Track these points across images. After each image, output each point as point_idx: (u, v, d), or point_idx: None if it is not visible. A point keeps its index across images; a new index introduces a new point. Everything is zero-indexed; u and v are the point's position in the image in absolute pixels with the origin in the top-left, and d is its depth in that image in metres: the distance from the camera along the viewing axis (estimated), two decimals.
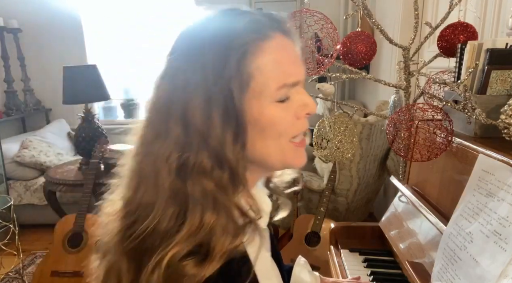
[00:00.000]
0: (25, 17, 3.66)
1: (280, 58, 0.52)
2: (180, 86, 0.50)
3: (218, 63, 0.49)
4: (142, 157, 0.52)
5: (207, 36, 0.51)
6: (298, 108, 0.54)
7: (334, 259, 1.25)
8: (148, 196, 0.50)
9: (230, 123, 0.50)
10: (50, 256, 2.15)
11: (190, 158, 0.49)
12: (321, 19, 1.13)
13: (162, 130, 0.51)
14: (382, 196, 2.85)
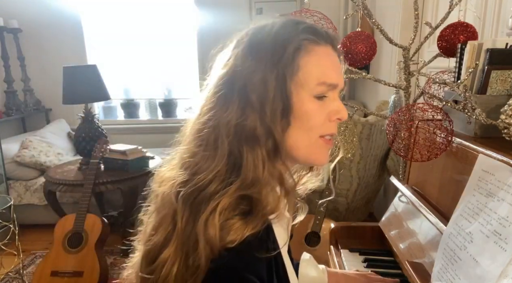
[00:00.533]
0: (25, 17, 3.65)
1: (325, 62, 0.61)
2: (244, 67, 0.59)
3: (278, 51, 0.58)
4: (205, 121, 0.60)
5: (272, 31, 0.60)
6: (331, 111, 0.62)
7: (334, 259, 1.25)
8: (208, 152, 0.58)
9: (280, 101, 0.58)
10: (50, 256, 2.15)
11: (247, 124, 0.58)
12: (321, 19, 1.13)
13: (225, 101, 0.59)
14: (382, 196, 2.85)
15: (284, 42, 0.59)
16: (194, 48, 3.73)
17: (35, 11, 3.67)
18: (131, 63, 3.95)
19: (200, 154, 0.59)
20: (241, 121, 0.58)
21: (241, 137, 0.58)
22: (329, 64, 0.62)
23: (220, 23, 3.56)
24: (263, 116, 0.58)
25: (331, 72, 0.62)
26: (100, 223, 2.23)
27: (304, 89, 0.60)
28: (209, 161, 0.58)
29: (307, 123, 0.60)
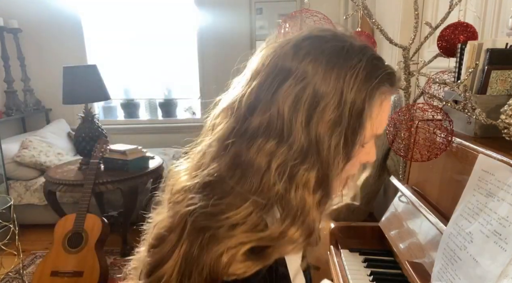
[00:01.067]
0: (25, 17, 3.65)
1: (383, 115, 0.57)
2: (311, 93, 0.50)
3: (360, 90, 0.51)
4: (247, 147, 0.52)
5: (355, 64, 0.52)
6: (363, 155, 0.59)
7: (334, 259, 1.25)
8: (244, 187, 0.51)
9: (344, 151, 0.52)
10: (50, 256, 2.15)
11: (301, 170, 0.51)
12: (321, 19, 1.13)
13: (279, 130, 0.51)
14: (382, 196, 2.85)
15: (369, 87, 0.52)
16: (194, 48, 3.73)
17: (35, 11, 3.67)
18: (131, 63, 3.95)
19: (230, 186, 0.52)
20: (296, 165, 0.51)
21: (290, 182, 0.51)
22: (385, 116, 0.58)
23: (220, 23, 3.56)
24: (324, 165, 0.52)
25: (384, 123, 0.58)
26: (100, 223, 2.23)
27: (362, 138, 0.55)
28: (240, 199, 0.51)
29: (350, 166, 0.57)
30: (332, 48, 0.53)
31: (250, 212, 0.51)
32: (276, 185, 0.50)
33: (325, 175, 0.52)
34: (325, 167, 0.51)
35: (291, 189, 0.51)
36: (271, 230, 0.51)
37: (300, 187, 0.51)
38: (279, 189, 0.51)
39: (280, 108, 0.51)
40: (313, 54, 0.52)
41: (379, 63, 0.55)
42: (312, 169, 0.51)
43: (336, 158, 0.51)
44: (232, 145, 0.54)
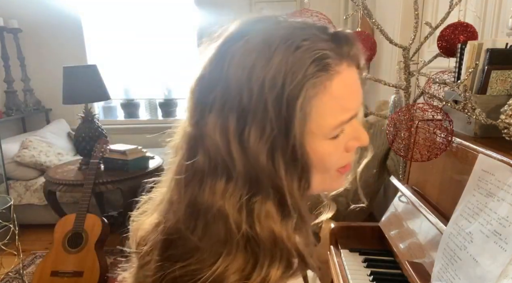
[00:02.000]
0: (25, 17, 3.65)
1: (343, 95, 0.47)
2: (237, 119, 0.44)
3: (281, 102, 0.43)
4: (200, 191, 0.47)
5: (269, 68, 0.43)
6: (350, 141, 0.51)
7: (334, 259, 1.25)
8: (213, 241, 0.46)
9: (295, 169, 0.46)
10: (50, 256, 2.15)
11: (257, 202, 0.46)
12: (321, 19, 1.13)
13: (223, 165, 0.45)
14: (382, 196, 2.85)
15: (289, 92, 0.43)
16: (194, 48, 3.73)
17: (35, 11, 3.67)
18: (131, 63, 3.95)
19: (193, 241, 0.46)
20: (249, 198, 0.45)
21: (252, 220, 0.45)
22: (347, 95, 0.47)
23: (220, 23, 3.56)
24: (279, 190, 0.46)
25: (350, 103, 0.48)
26: (100, 223, 2.23)
27: (317, 136, 0.47)
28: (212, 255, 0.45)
29: (322, 166, 0.49)
30: (248, 52, 0.44)
31: (227, 266, 0.44)
32: (241, 226, 0.45)
33: (284, 197, 0.46)
34: (280, 188, 0.45)
35: (255, 224, 0.45)
36: (254, 280, 0.44)
37: (263, 220, 0.45)
38: (246, 229, 0.45)
39: (215, 142, 0.45)
40: (232, 70, 0.44)
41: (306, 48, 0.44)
42: (266, 198, 0.45)
43: (287, 174, 0.45)
44: (186, 189, 0.48)
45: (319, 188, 0.54)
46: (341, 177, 0.55)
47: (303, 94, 0.43)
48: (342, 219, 2.39)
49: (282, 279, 0.46)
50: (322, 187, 0.54)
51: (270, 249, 0.46)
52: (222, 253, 0.45)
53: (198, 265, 0.45)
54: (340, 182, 0.56)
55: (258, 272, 0.45)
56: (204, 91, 0.47)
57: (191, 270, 0.45)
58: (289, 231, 0.47)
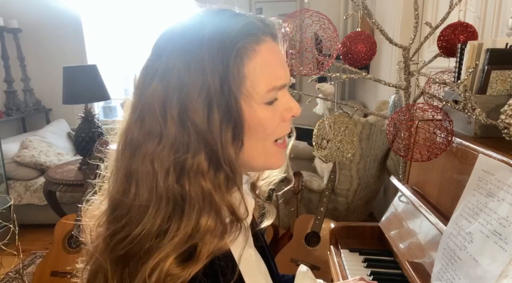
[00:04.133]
0: (25, 17, 3.65)
1: (271, 61, 0.53)
2: (176, 85, 0.49)
3: (218, 64, 0.49)
4: (133, 158, 0.51)
5: (204, 36, 0.50)
6: (284, 111, 0.56)
7: (334, 259, 1.25)
8: (141, 198, 0.49)
9: (230, 123, 0.50)
10: (50, 256, 2.15)
11: (188, 159, 0.49)
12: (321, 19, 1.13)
13: (156, 131, 0.49)
14: (382, 196, 2.85)
15: (223, 49, 0.49)
16: None
17: (35, 11, 3.67)
18: (131, 63, 3.95)
19: (128, 203, 0.50)
20: (180, 156, 0.49)
21: (181, 175, 0.49)
22: (274, 62, 0.54)
23: None
24: (211, 146, 0.49)
25: (279, 71, 0.54)
26: None
27: (254, 99, 0.52)
28: (141, 211, 0.49)
29: (262, 132, 0.54)
30: (184, 32, 0.52)
31: (156, 221, 0.48)
32: (168, 184, 0.48)
33: (217, 155, 0.49)
34: (213, 146, 0.49)
35: (185, 182, 0.49)
36: (184, 229, 0.48)
37: (193, 176, 0.49)
38: (174, 187, 0.49)
39: (152, 108, 0.49)
40: (170, 46, 0.51)
41: (234, 20, 0.52)
42: (198, 154, 0.49)
43: (221, 134, 0.49)
44: (121, 160, 0.52)
45: (261, 161, 0.57)
46: (280, 152, 0.59)
47: (234, 53, 0.49)
48: (342, 219, 2.40)
49: (216, 234, 0.50)
50: (262, 158, 0.57)
51: (198, 203, 0.49)
52: (148, 211, 0.48)
53: (130, 226, 0.49)
54: (279, 158, 0.59)
55: (185, 222, 0.48)
56: (148, 67, 0.52)
57: (126, 230, 0.49)
58: (219, 187, 0.50)
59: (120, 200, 0.51)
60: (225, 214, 0.52)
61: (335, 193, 2.32)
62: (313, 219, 2.13)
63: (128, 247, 0.48)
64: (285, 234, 2.34)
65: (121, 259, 0.49)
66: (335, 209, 2.40)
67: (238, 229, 0.53)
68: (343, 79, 1.29)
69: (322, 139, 1.34)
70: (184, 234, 0.48)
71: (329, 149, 1.31)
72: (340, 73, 1.29)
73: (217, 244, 0.50)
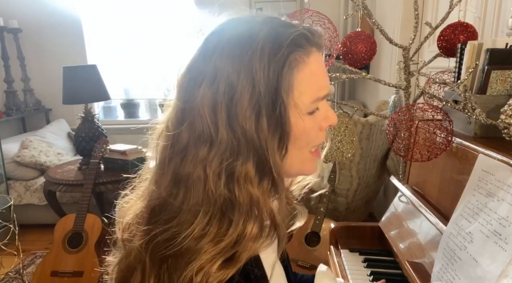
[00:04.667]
0: (25, 17, 3.65)
1: (317, 72, 0.55)
2: (225, 90, 0.49)
3: (268, 73, 0.49)
4: (182, 162, 0.51)
5: (257, 44, 0.50)
6: (323, 120, 0.58)
7: (334, 259, 1.25)
8: (191, 203, 0.50)
9: (276, 131, 0.51)
10: (50, 256, 2.15)
11: (238, 166, 0.50)
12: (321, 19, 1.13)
13: (207, 136, 0.50)
14: (382, 196, 2.85)
15: (276, 59, 0.50)
16: None
17: (35, 11, 3.67)
18: (131, 63, 3.95)
19: (176, 206, 0.51)
20: (231, 162, 0.50)
21: (231, 181, 0.50)
22: (320, 73, 0.55)
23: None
24: (259, 153, 0.50)
25: (323, 82, 0.56)
26: (100, 223, 2.23)
27: (299, 108, 0.53)
28: (192, 215, 0.50)
29: (303, 140, 0.55)
30: (234, 38, 0.52)
31: (205, 225, 0.49)
32: (219, 189, 0.49)
33: (264, 162, 0.50)
34: (261, 153, 0.50)
35: (234, 187, 0.50)
36: (230, 236, 0.49)
37: (242, 182, 0.50)
38: (223, 192, 0.50)
39: (202, 113, 0.50)
40: (218, 50, 0.51)
41: (285, 29, 0.52)
42: (247, 161, 0.50)
43: (268, 141, 0.50)
44: (169, 164, 0.53)
45: (296, 166, 0.58)
46: (314, 160, 0.60)
47: (287, 64, 0.50)
48: (342, 219, 2.40)
49: (257, 240, 0.51)
50: (298, 166, 0.58)
51: (246, 209, 0.50)
52: (199, 214, 0.49)
53: (178, 227, 0.49)
54: (313, 165, 0.61)
55: (233, 228, 0.49)
56: (194, 69, 0.53)
57: (173, 232, 0.49)
58: (264, 194, 0.52)
59: (166, 201, 0.51)
60: (265, 220, 0.53)
61: (335, 193, 2.32)
62: (313, 219, 2.13)
63: (172, 250, 0.49)
64: None
65: (162, 257, 0.50)
66: (335, 209, 2.40)
67: (273, 235, 0.54)
68: (343, 79, 1.29)
69: None
70: (231, 239, 0.49)
71: (329, 149, 1.31)
72: (340, 73, 1.29)
73: (255, 249, 0.51)
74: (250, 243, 0.50)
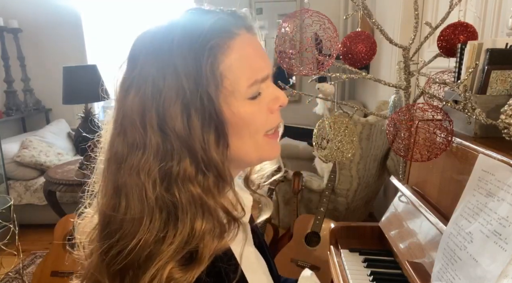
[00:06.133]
0: (25, 17, 3.66)
1: (248, 54, 0.52)
2: (152, 94, 0.48)
3: (190, 66, 0.48)
4: (119, 171, 0.50)
5: (174, 39, 0.49)
6: (270, 102, 0.55)
7: (334, 259, 1.25)
8: (133, 212, 0.49)
9: (210, 126, 0.49)
10: (50, 256, 2.15)
11: (173, 167, 0.48)
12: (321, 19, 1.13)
13: (139, 142, 0.49)
14: (382, 196, 2.85)
15: (194, 50, 0.48)
16: None
17: (35, 11, 3.67)
18: None
19: (119, 217, 0.49)
20: (165, 165, 0.48)
21: (170, 183, 0.49)
22: (252, 54, 0.52)
23: None
24: (195, 151, 0.48)
25: (259, 63, 0.53)
26: None
27: (235, 95, 0.51)
28: (135, 224, 0.48)
29: (250, 128, 0.53)
30: (154, 38, 0.51)
31: (152, 231, 0.47)
32: (157, 194, 0.48)
33: (202, 158, 0.49)
34: (197, 150, 0.48)
35: (174, 189, 0.48)
36: (180, 236, 0.47)
37: (181, 182, 0.48)
38: (164, 196, 0.48)
39: (132, 120, 0.49)
40: (142, 55, 0.50)
41: (202, 18, 0.51)
42: (183, 160, 0.48)
43: (204, 137, 0.48)
44: (108, 175, 0.52)
45: (255, 155, 0.56)
46: (273, 143, 0.58)
47: (207, 52, 0.48)
48: (342, 219, 2.40)
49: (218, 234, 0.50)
50: (258, 153, 0.56)
51: (189, 208, 0.48)
52: (142, 222, 0.48)
53: (126, 238, 0.48)
54: (273, 147, 0.58)
55: (180, 229, 0.48)
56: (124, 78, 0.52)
57: (121, 244, 0.48)
58: (209, 190, 0.50)
59: (111, 215, 0.50)
60: (221, 215, 0.52)
61: (335, 193, 2.32)
62: (313, 219, 2.13)
63: (125, 261, 0.48)
64: (285, 234, 2.34)
65: (118, 272, 0.49)
66: (335, 209, 2.40)
67: (236, 227, 0.53)
68: (343, 79, 1.29)
69: (322, 139, 1.34)
70: (180, 240, 0.47)
71: (329, 149, 1.31)
72: (340, 73, 1.29)
73: (218, 244, 0.50)
74: (207, 239, 0.49)
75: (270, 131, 0.57)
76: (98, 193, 0.55)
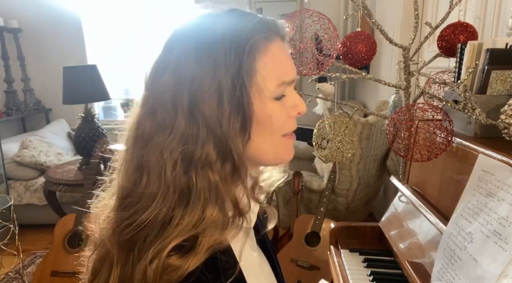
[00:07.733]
0: (25, 17, 3.66)
1: (280, 58, 0.56)
2: (187, 78, 0.51)
3: (230, 57, 0.51)
4: (144, 150, 0.52)
5: (217, 32, 0.52)
6: (290, 108, 0.58)
7: (334, 259, 1.25)
8: (151, 187, 0.51)
9: (238, 115, 0.51)
10: (50, 256, 2.15)
11: (196, 150, 0.50)
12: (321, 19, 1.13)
13: (168, 122, 0.51)
14: (382, 196, 2.85)
15: (236, 44, 0.51)
16: None
17: (35, 11, 3.67)
18: (131, 63, 3.95)
19: (139, 192, 0.51)
20: (188, 147, 0.50)
21: (189, 166, 0.50)
22: (284, 59, 0.57)
23: None
24: (220, 137, 0.51)
25: (288, 67, 0.57)
26: None
27: (264, 93, 0.54)
28: (151, 200, 0.50)
29: (270, 126, 0.56)
30: (196, 29, 0.55)
31: (162, 209, 0.49)
32: (176, 174, 0.50)
33: (224, 145, 0.51)
34: (221, 137, 0.51)
35: (192, 173, 0.50)
36: (188, 218, 0.49)
37: (200, 167, 0.50)
38: (181, 177, 0.50)
39: (163, 101, 0.51)
40: (181, 42, 0.54)
41: (245, 18, 0.55)
42: (207, 144, 0.50)
43: (230, 125, 0.51)
44: (133, 152, 0.54)
45: (272, 154, 0.58)
46: (289, 144, 0.61)
47: (248, 47, 0.51)
48: (342, 219, 2.40)
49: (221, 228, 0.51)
50: (275, 152, 0.58)
51: (204, 194, 0.50)
52: (156, 198, 0.50)
53: (138, 212, 0.50)
54: (289, 149, 0.61)
55: (190, 212, 0.49)
56: (158, 61, 0.54)
57: (134, 216, 0.50)
58: (225, 179, 0.52)
59: (131, 189, 0.52)
60: (228, 207, 0.53)
61: (335, 193, 2.32)
62: (313, 219, 2.13)
63: (133, 233, 0.50)
64: (285, 234, 2.34)
65: (126, 243, 0.50)
66: (335, 209, 2.40)
67: (239, 224, 0.54)
68: (343, 79, 1.29)
69: (322, 139, 1.34)
70: (188, 222, 0.49)
71: (329, 149, 1.32)
72: (340, 73, 1.29)
73: (218, 237, 0.51)
74: (210, 229, 0.50)
75: (287, 134, 0.60)
76: (119, 170, 0.56)
